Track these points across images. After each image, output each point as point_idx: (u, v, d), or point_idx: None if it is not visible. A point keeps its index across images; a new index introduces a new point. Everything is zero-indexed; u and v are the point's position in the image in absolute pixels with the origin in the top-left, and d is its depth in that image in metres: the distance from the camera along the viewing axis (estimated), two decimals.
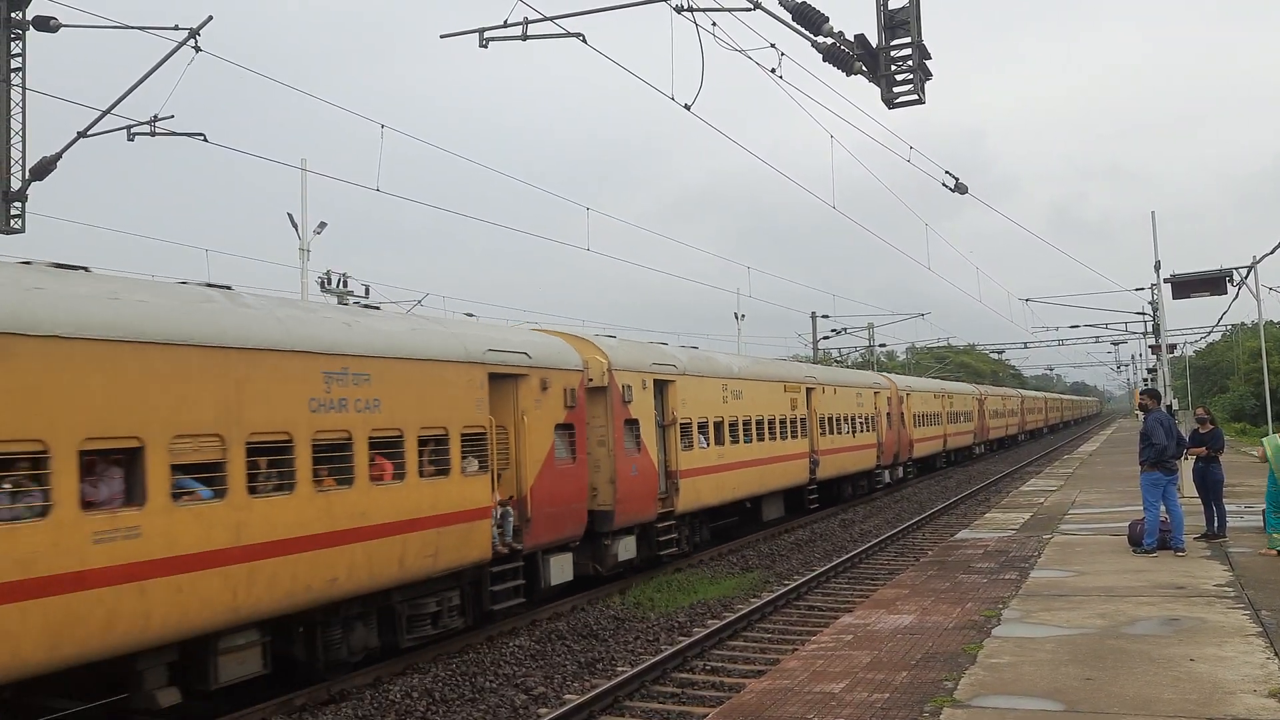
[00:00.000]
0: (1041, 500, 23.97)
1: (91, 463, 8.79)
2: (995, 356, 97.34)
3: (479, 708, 10.98)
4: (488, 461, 13.62)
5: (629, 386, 18.04)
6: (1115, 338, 64.70)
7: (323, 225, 24.72)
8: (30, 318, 8.35)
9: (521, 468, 14.64)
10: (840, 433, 30.32)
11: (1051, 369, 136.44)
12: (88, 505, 8.61)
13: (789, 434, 25.81)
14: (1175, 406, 30.07)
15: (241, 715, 10.43)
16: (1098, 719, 7.11)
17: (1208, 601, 10.96)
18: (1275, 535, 13.90)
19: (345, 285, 27.82)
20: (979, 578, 13.40)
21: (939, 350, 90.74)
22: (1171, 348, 44.12)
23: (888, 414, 35.54)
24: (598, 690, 10.92)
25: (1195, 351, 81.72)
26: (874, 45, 11.27)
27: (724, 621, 14.39)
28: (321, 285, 26.84)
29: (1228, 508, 15.87)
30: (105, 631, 8.65)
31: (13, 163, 17.43)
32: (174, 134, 17.51)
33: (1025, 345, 69.43)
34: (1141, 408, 15.70)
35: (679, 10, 12.13)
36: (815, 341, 56.17)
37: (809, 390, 28.06)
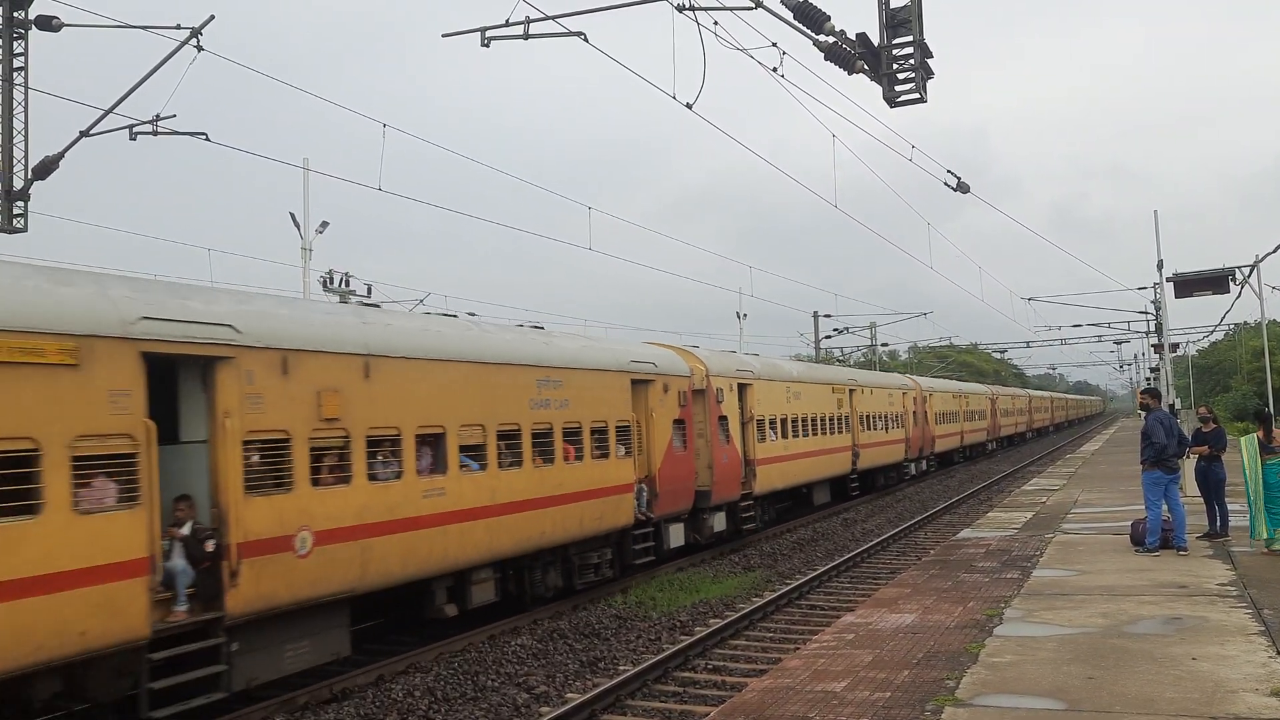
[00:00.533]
0: (1044, 499, 23.96)
1: (420, 443, 12.62)
2: (998, 356, 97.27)
3: (481, 706, 10.99)
4: (632, 448, 17.72)
5: (721, 389, 21.80)
6: (1118, 337, 64.64)
7: (325, 225, 24.74)
8: (388, 346, 12.29)
9: (651, 454, 18.51)
10: (876, 429, 34.04)
11: (1054, 368, 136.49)
12: (419, 472, 12.52)
13: (836, 430, 29.80)
14: (1178, 406, 30.06)
15: (245, 713, 10.45)
16: (1100, 718, 7.10)
17: (1210, 600, 10.95)
18: (1278, 533, 13.91)
19: (347, 284, 27.84)
20: (981, 577, 13.39)
21: (941, 350, 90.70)
22: (1174, 347, 44.08)
23: (913, 412, 39.10)
24: (600, 689, 10.93)
25: (1198, 351, 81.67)
26: (875, 44, 11.26)
27: (726, 621, 14.39)
28: (324, 284, 26.87)
29: (1230, 507, 15.85)
30: (426, 558, 12.55)
31: (15, 162, 17.46)
32: (176, 133, 17.53)
33: (1028, 345, 69.38)
34: (1143, 407, 15.69)
35: (680, 9, 12.13)
36: (817, 341, 56.16)
37: (851, 391, 31.90)
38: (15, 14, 17.41)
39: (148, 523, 9.11)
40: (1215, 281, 26.17)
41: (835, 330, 57.51)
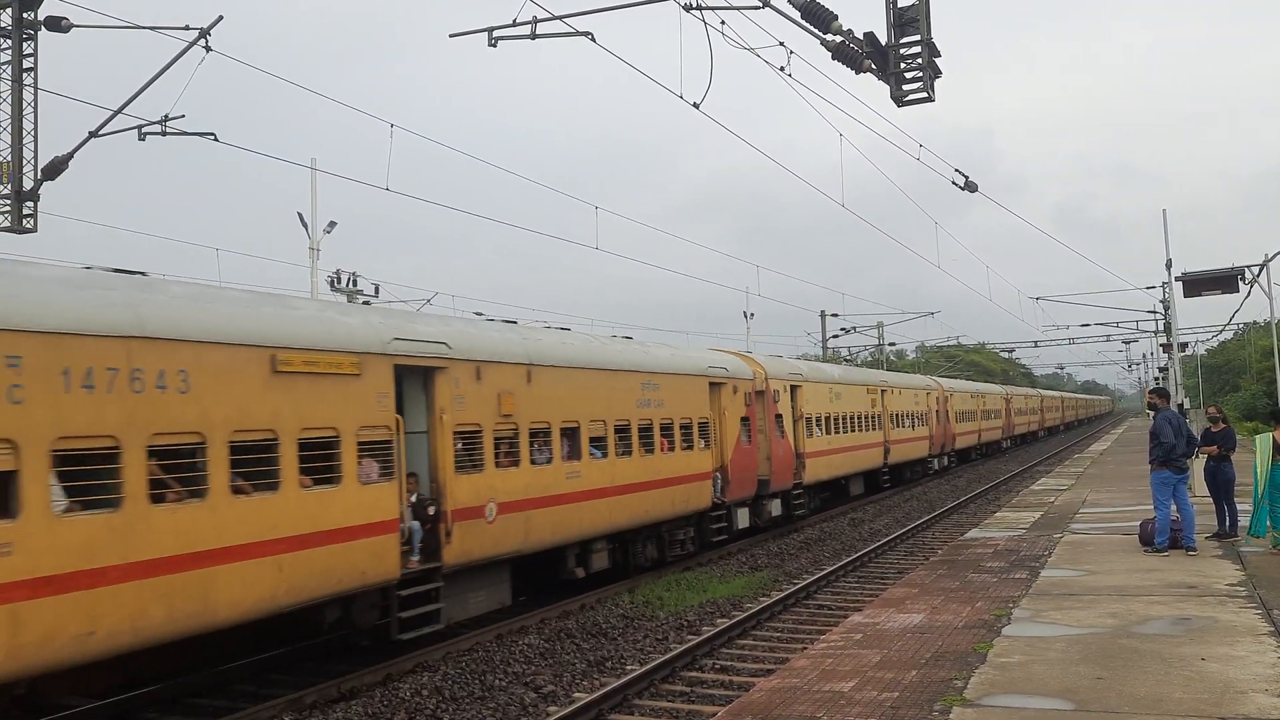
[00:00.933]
0: (1052, 499, 23.90)
1: (563, 435, 15.79)
2: (1005, 355, 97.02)
3: (488, 705, 11.00)
4: (709, 441, 20.68)
5: (777, 391, 24.72)
6: (1126, 336, 64.40)
7: (332, 224, 24.78)
8: (542, 356, 15.52)
9: (723, 446, 21.45)
10: (903, 426, 37.15)
11: (1062, 368, 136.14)
12: (563, 458, 15.70)
13: (870, 427, 32.89)
14: (1186, 405, 29.93)
15: (254, 712, 10.48)
16: (1109, 718, 7.08)
17: (1219, 601, 10.92)
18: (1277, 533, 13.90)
19: (355, 284, 27.83)
20: (989, 577, 13.37)
21: (949, 349, 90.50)
22: (1183, 346, 43.91)
23: (936, 411, 42.12)
24: (607, 689, 10.93)
25: (1207, 350, 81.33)
26: (883, 43, 11.24)
27: (733, 620, 14.38)
28: (331, 284, 26.86)
29: (1239, 507, 15.79)
30: (567, 528, 15.71)
31: (25, 162, 17.51)
32: (185, 134, 17.55)
33: (1036, 344, 69.17)
34: (1151, 406, 15.63)
35: (687, 9, 12.12)
36: (825, 340, 56.10)
37: (883, 392, 34.94)
38: (25, 15, 17.47)
39: (399, 492, 12.23)
40: (1224, 281, 26.02)
41: (842, 329, 57.46)
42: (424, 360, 12.87)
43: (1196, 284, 25.93)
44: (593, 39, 13.26)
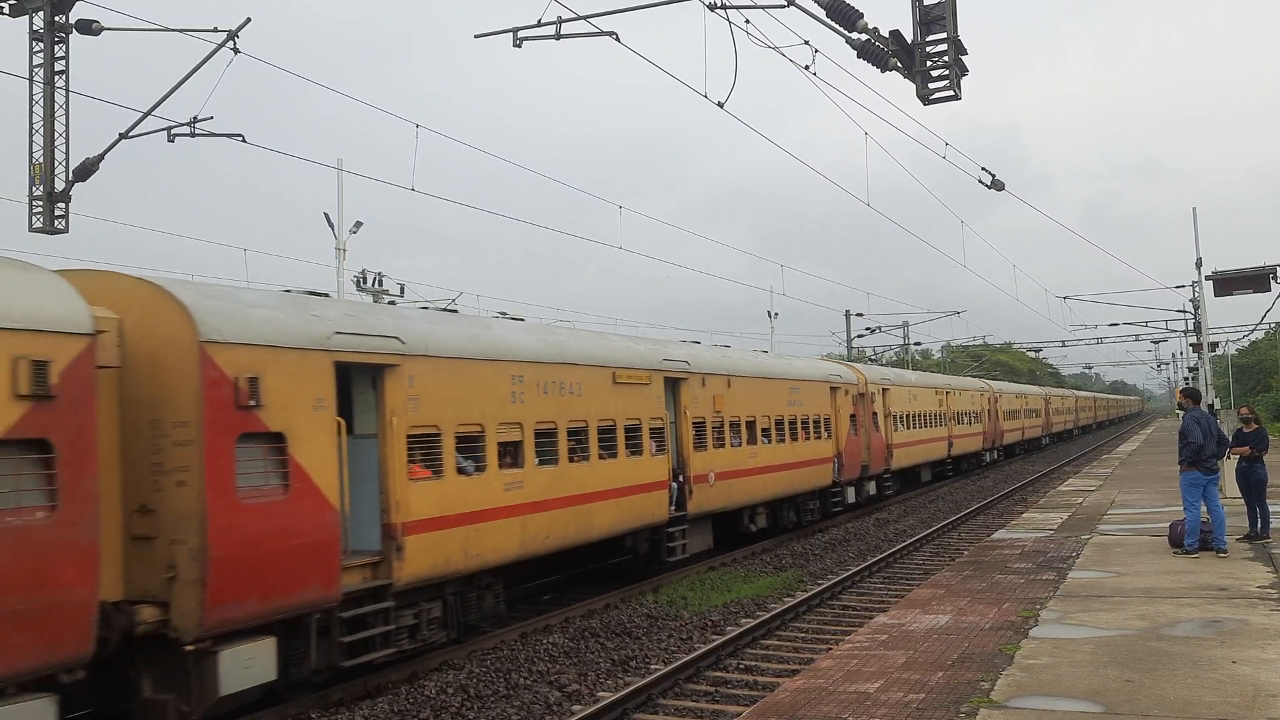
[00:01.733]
0: (1080, 500, 23.69)
1: (749, 426, 21.59)
2: (1032, 355, 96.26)
3: (513, 704, 11.03)
4: (830, 433, 26.35)
5: (874, 394, 30.40)
6: (1155, 336, 63.71)
7: (358, 225, 24.92)
8: (735, 369, 21.43)
9: (838, 437, 26.96)
10: (963, 424, 42.45)
11: (1090, 367, 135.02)
12: (750, 442, 21.44)
13: (938, 424, 38.15)
14: (1216, 406, 29.60)
15: (282, 709, 10.56)
16: None
17: (1250, 603, 10.79)
18: None
19: (380, 284, 28.02)
20: (1016, 578, 13.27)
21: (975, 349, 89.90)
22: (1213, 346, 43.40)
23: (988, 410, 47.53)
24: (631, 688, 10.94)
25: (1237, 350, 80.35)
26: (909, 41, 11.18)
27: (757, 620, 14.36)
28: (357, 284, 27.06)
29: (1271, 508, 15.61)
30: (748, 494, 21.44)
31: (56, 164, 17.72)
32: (213, 135, 17.72)
33: (1063, 344, 68.60)
34: (1180, 407, 15.47)
35: (712, 8, 12.11)
36: (850, 340, 55.88)
37: (948, 394, 40.37)
38: (56, 18, 17.67)
39: (669, 462, 18.33)
40: (1256, 279, 25.70)
41: (867, 329, 57.23)
42: (677, 374, 18.99)
43: (1227, 283, 25.63)
44: (617, 39, 13.28)
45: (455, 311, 17.45)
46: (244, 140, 17.66)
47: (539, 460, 14.34)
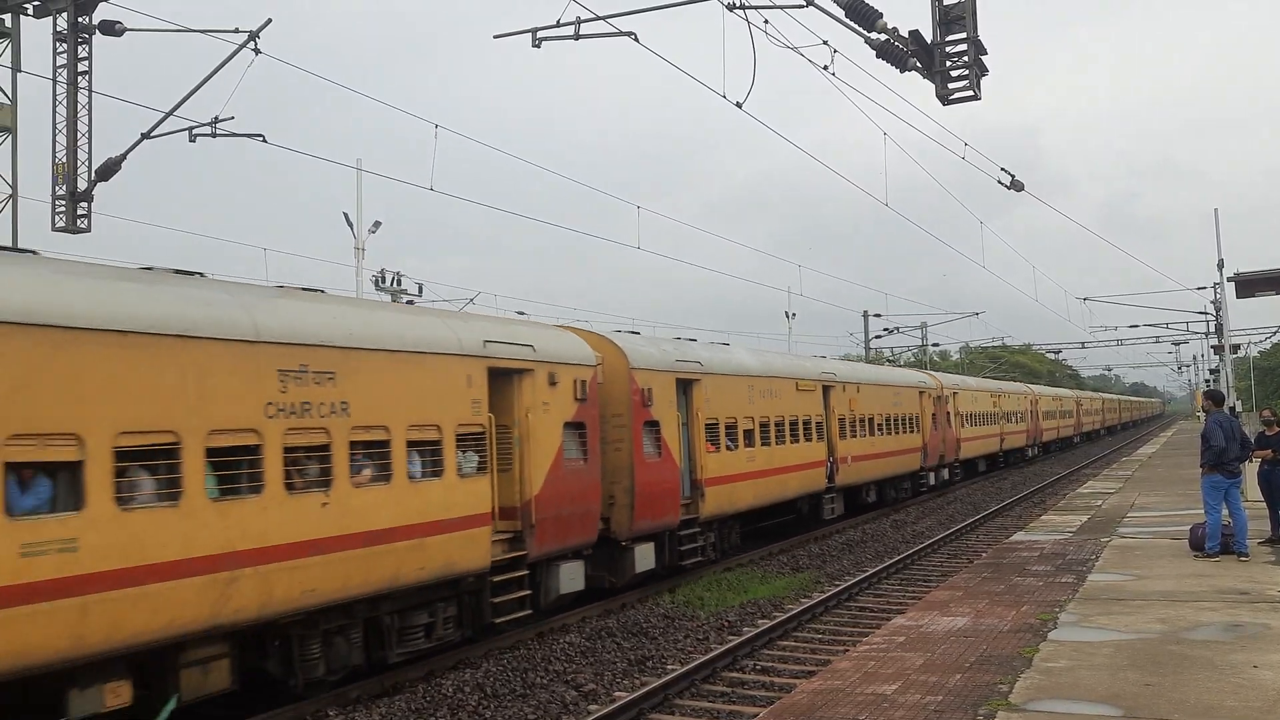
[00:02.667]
0: (1099, 503, 23.55)
1: (872, 420, 28.04)
2: (1052, 356, 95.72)
3: (530, 703, 11.05)
4: (919, 428, 32.14)
5: (948, 397, 36.39)
6: (1176, 338, 63.27)
7: (377, 224, 25.03)
8: (859, 377, 28.34)
9: (924, 431, 32.87)
10: (1011, 423, 47.82)
11: (1110, 369, 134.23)
12: (868, 435, 27.79)
13: (991, 422, 43.48)
14: (1239, 408, 29.35)
15: (297, 708, 10.61)
16: None
17: (1272, 607, 10.70)
18: None
19: (399, 284, 28.05)
20: (1035, 580, 13.21)
21: (994, 350, 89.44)
22: (1235, 348, 43.04)
23: (1030, 411, 52.73)
24: (648, 688, 10.94)
25: (1260, 352, 79.65)
26: (929, 41, 11.15)
27: (774, 621, 14.34)
28: (376, 283, 27.09)
29: None
30: (873, 472, 28.10)
31: (79, 164, 17.88)
32: (234, 135, 17.84)
33: (1083, 345, 68.23)
34: (1204, 409, 15.36)
35: (730, 8, 12.10)
36: (867, 341, 55.72)
37: (998, 397, 45.45)
38: (79, 19, 17.84)
39: (827, 447, 24.42)
40: (1278, 281, 25.44)
41: (885, 330, 57.06)
42: (829, 383, 25.15)
43: (1250, 284, 25.35)
44: (636, 39, 13.29)
45: (724, 344, 23.11)
46: (264, 140, 17.78)
47: (762, 442, 20.72)
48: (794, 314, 45.18)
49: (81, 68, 18.03)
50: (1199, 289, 43.25)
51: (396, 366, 11.33)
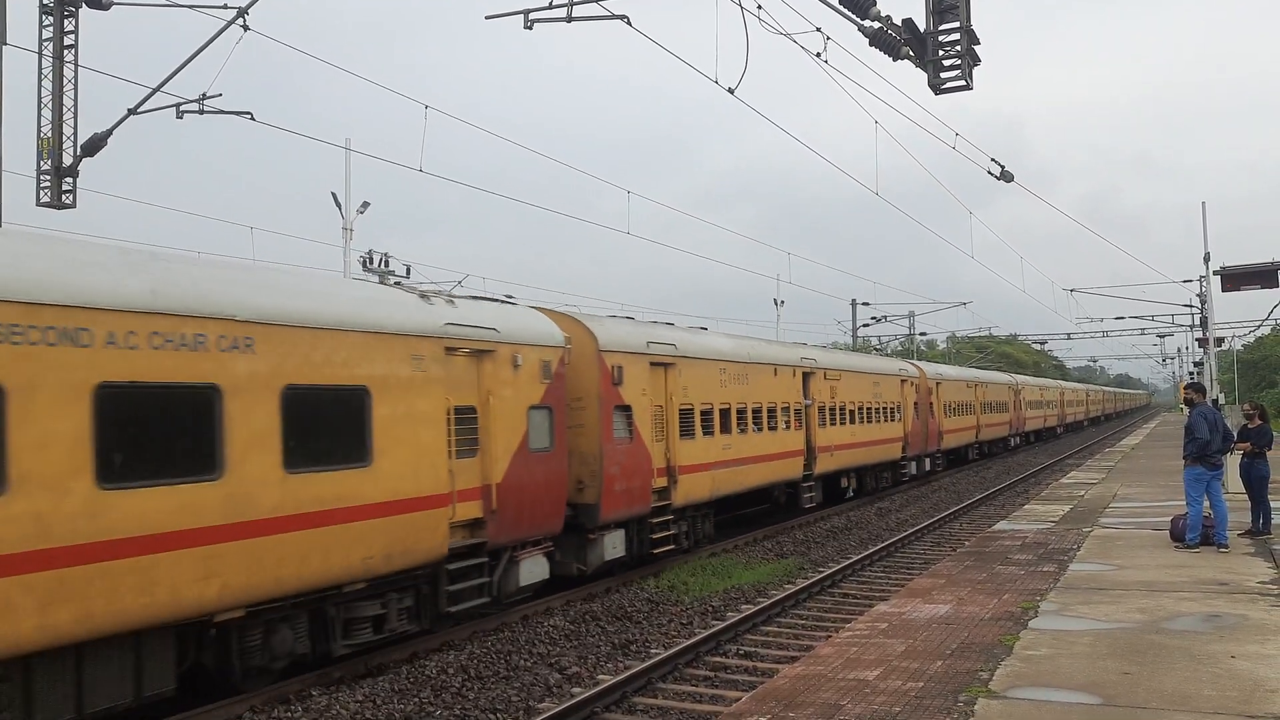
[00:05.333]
0: (1082, 493, 23.71)
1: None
2: (1037, 347, 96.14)
3: (513, 685, 11.08)
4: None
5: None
6: (1161, 330, 63.56)
7: (366, 205, 24.90)
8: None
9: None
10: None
11: (1094, 361, 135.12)
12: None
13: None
14: (1221, 401, 29.55)
15: (282, 686, 10.62)
16: (1136, 714, 7.04)
17: (1250, 598, 10.81)
18: None
19: (386, 265, 27.97)
20: (1017, 569, 13.30)
21: (979, 340, 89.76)
22: (1219, 341, 43.31)
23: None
24: (631, 671, 10.99)
25: (1243, 346, 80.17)
26: (922, 30, 11.14)
27: (758, 607, 14.40)
28: (364, 264, 27.08)
29: (1273, 504, 15.61)
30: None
31: (65, 139, 17.72)
32: (222, 112, 17.70)
33: (1069, 336, 68.51)
34: (1187, 402, 15.46)
35: None
36: (855, 329, 55.82)
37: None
38: None
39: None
40: (1264, 275, 25.56)
41: (873, 319, 57.16)
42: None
43: (1235, 278, 25.51)
44: (629, 22, 13.23)
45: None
46: (252, 118, 17.64)
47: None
48: (782, 301, 45.21)
49: (68, 41, 17.84)
50: (1185, 282, 43.46)
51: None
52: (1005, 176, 18.34)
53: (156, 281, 9.07)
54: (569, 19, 13.45)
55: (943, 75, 11.18)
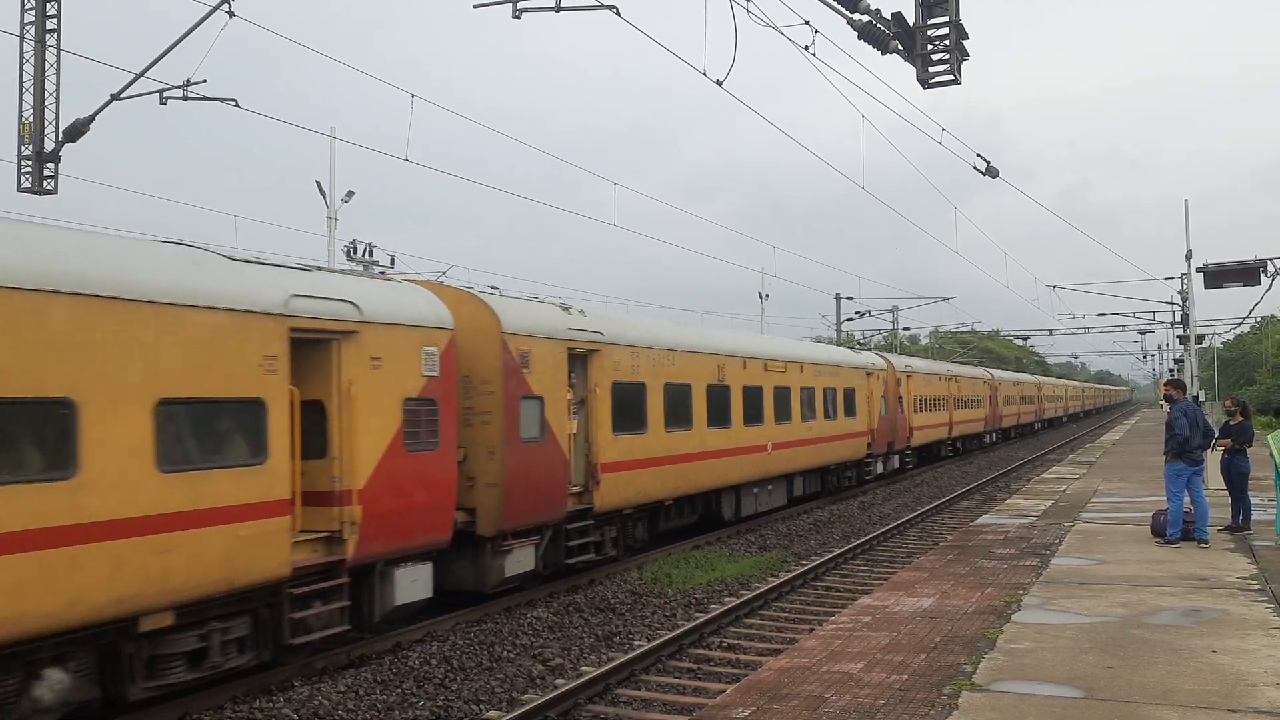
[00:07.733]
0: (1063, 488, 23.85)
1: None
2: (1020, 343, 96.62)
3: (497, 676, 11.07)
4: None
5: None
6: (1143, 326, 63.96)
7: (350, 194, 24.77)
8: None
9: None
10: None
11: (1076, 357, 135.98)
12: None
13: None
14: (1201, 397, 29.77)
15: (264, 677, 10.56)
16: (1117, 707, 7.08)
17: (1230, 593, 10.89)
18: None
19: (370, 255, 27.83)
20: (999, 563, 13.36)
21: (963, 335, 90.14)
22: (1200, 338, 43.62)
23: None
24: (615, 663, 10.98)
25: (1223, 343, 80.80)
26: (911, 24, 11.14)
27: (741, 599, 14.42)
28: (348, 254, 26.93)
29: (1252, 500, 15.74)
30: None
31: (46, 124, 17.54)
32: (206, 99, 17.56)
33: (1051, 332, 68.87)
34: (1167, 398, 15.55)
35: None
36: (839, 323, 55.95)
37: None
38: None
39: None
40: (1246, 273, 25.77)
41: (857, 313, 57.32)
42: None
43: (1218, 275, 25.70)
44: (617, 12, 13.18)
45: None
46: (237, 105, 17.50)
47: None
48: (767, 295, 45.24)
49: (50, 25, 17.65)
50: (1167, 279, 43.72)
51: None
52: (991, 172, 18.40)
53: None
54: (558, 8, 13.39)
55: (931, 70, 11.20)
